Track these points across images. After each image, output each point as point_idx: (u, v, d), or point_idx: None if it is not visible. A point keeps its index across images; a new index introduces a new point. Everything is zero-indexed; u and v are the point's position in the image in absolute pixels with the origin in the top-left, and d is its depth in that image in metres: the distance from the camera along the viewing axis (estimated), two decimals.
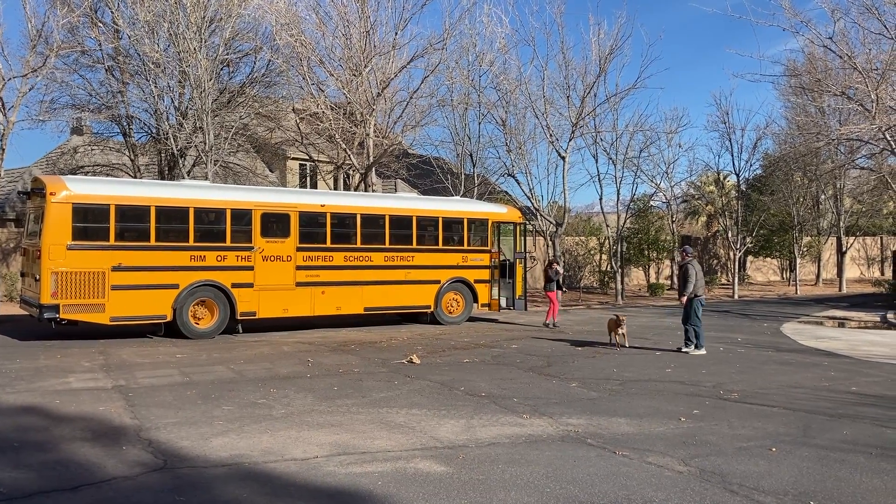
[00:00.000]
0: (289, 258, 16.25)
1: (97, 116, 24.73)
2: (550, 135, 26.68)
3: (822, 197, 37.50)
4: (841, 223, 36.04)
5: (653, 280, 36.67)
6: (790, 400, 9.48)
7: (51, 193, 13.87)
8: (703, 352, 13.79)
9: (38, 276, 13.86)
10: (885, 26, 19.92)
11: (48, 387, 9.71)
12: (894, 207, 37.80)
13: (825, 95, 25.31)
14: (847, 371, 12.02)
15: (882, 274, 43.88)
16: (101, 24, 22.96)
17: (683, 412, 8.63)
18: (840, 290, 35.33)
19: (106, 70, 23.55)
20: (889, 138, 21.43)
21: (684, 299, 13.93)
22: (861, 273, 45.44)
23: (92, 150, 26.77)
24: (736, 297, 30.92)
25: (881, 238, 46.59)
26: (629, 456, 6.74)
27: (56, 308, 13.75)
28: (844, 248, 36.56)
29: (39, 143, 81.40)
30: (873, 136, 21.90)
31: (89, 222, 14.29)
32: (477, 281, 19.10)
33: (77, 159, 26.21)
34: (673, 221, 36.13)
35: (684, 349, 13.94)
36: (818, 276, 40.42)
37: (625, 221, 31.73)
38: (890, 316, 21.86)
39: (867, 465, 6.52)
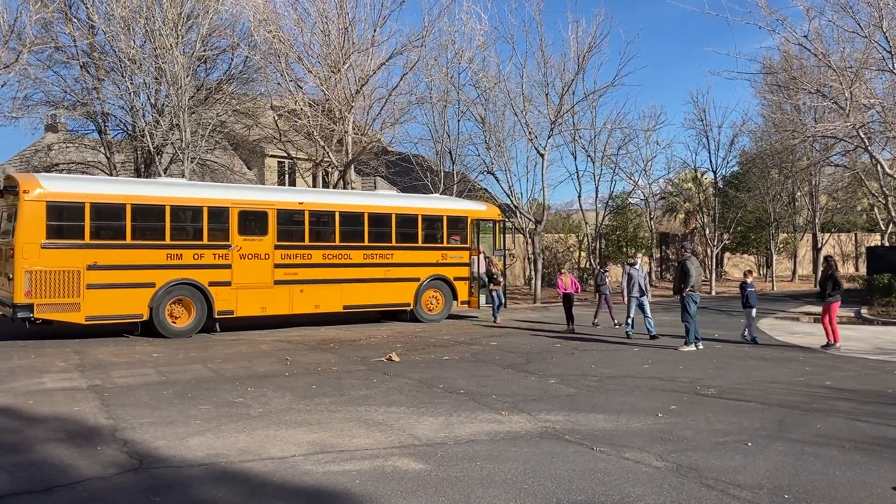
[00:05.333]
0: (267, 256, 16.15)
1: (72, 113, 24.43)
2: (529, 132, 26.75)
3: (798, 194, 37.91)
4: (816, 220, 36.46)
5: None
6: (766, 395, 9.57)
7: (24, 191, 13.68)
8: (691, 348, 13.80)
9: (11, 276, 13.68)
10: (859, 25, 20.17)
11: (22, 387, 9.58)
12: (868, 204, 38.27)
13: (801, 93, 25.56)
14: (822, 366, 12.16)
15: (857, 270, 44.43)
16: (75, 20, 22.65)
17: (661, 408, 8.68)
18: (816, 286, 35.70)
19: (81, 66, 23.25)
20: (862, 136, 21.71)
21: (684, 292, 13.94)
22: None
23: (67, 147, 26.42)
24: (713, 293, 31.18)
25: (856, 234, 47.19)
26: (607, 452, 6.77)
27: (30, 307, 13.58)
28: (820, 245, 36.97)
29: (13, 140, 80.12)
30: (847, 133, 22.18)
31: (64, 220, 14.12)
32: (457, 278, 19.10)
33: (51, 157, 25.85)
34: (651, 219, 36.37)
35: (682, 347, 13.88)
36: (794, 272, 40.87)
37: (603, 219, 31.92)
38: (864, 311, 22.16)
39: (840, 459, 6.60)
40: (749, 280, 15.31)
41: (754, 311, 15.16)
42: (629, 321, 15.67)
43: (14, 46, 19.90)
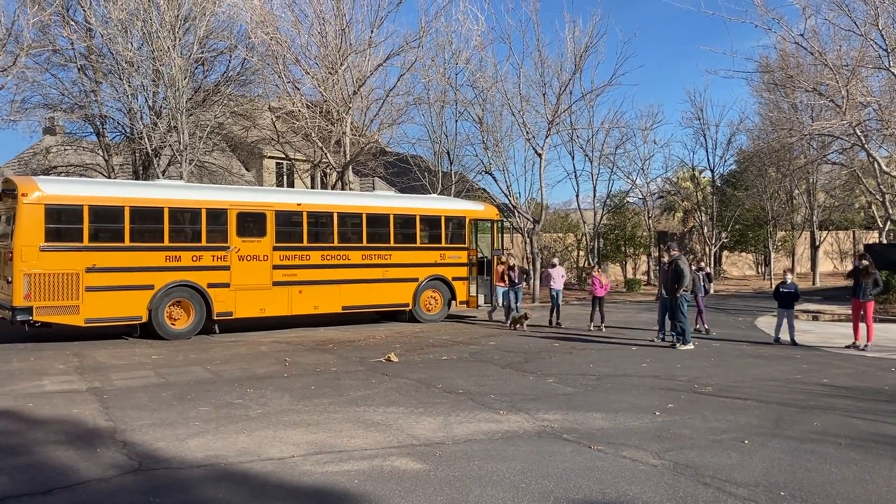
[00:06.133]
0: (265, 258, 16.17)
1: (70, 116, 24.43)
2: (527, 132, 26.77)
3: (796, 192, 37.92)
4: (814, 218, 36.50)
5: (630, 276, 36.90)
6: (763, 393, 9.61)
7: (22, 194, 13.69)
8: (689, 347, 13.86)
9: (10, 279, 13.68)
10: (854, 23, 20.21)
11: (21, 390, 9.61)
12: (866, 202, 38.31)
13: (797, 91, 25.61)
14: (819, 364, 12.21)
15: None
16: (73, 23, 22.65)
17: (658, 406, 8.72)
18: (814, 283, 35.78)
19: (78, 69, 23.26)
20: (859, 133, 21.75)
21: (678, 293, 13.98)
22: (834, 267, 46.00)
23: (65, 150, 26.44)
24: (711, 291, 31.16)
25: (853, 232, 47.19)
26: (604, 450, 6.80)
27: (29, 310, 13.59)
28: (818, 243, 37.02)
29: (11, 143, 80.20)
30: (844, 131, 22.24)
31: (62, 223, 14.14)
32: (455, 278, 19.11)
33: (50, 160, 25.88)
34: (649, 217, 36.42)
35: (679, 346, 13.94)
36: (792, 269, 40.83)
37: (601, 218, 31.94)
38: None
39: (836, 456, 6.63)
40: (790, 279, 15.22)
41: (789, 311, 14.89)
42: (662, 325, 15.04)
43: (11, 49, 19.92)
